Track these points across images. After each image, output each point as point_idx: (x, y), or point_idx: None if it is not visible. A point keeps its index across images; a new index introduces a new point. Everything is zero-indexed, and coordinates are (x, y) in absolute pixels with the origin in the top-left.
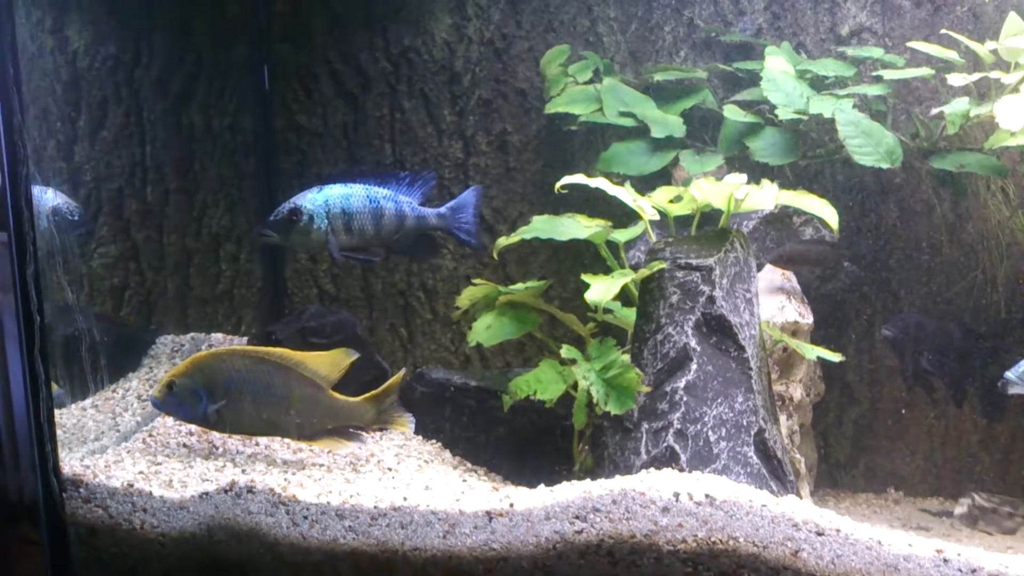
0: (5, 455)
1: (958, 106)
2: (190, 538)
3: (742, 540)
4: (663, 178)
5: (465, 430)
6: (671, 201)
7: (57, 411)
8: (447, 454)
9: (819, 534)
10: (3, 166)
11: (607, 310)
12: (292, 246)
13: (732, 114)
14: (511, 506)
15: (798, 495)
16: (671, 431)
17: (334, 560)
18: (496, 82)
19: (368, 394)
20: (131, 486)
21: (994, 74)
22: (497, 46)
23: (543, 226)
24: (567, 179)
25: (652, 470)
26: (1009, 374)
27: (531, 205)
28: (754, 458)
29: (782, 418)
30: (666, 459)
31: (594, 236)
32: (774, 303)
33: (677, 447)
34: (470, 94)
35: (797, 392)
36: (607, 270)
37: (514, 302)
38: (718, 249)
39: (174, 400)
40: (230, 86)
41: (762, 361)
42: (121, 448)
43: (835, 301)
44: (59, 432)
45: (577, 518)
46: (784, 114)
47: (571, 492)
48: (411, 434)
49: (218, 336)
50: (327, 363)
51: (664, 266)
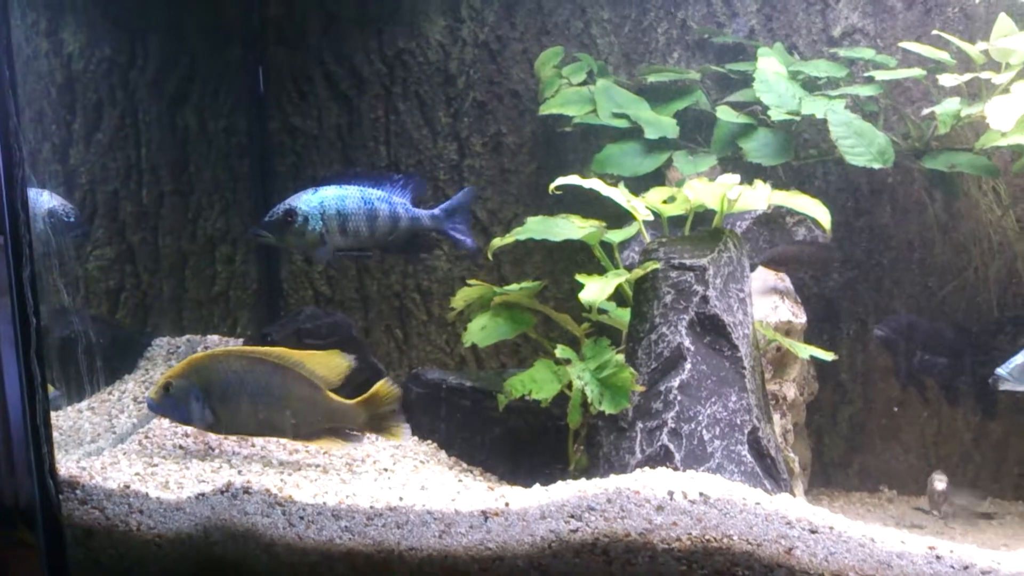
0: (1, 457)
1: (949, 106)
2: (186, 539)
3: (736, 538)
4: (657, 179)
5: (460, 430)
6: (664, 202)
7: (53, 413)
8: (443, 454)
9: (813, 532)
10: None
11: (601, 310)
12: (287, 247)
13: (725, 115)
14: (506, 505)
15: (792, 493)
16: (665, 430)
17: (330, 560)
18: (490, 84)
19: (360, 397)
20: (127, 487)
21: (985, 74)
22: (491, 48)
23: (537, 227)
24: (561, 180)
25: (647, 469)
26: (1000, 371)
27: (525, 206)
28: (748, 457)
29: (776, 417)
30: (660, 458)
31: (588, 237)
32: (768, 303)
33: (671, 446)
34: (464, 96)
35: (791, 391)
36: (602, 271)
37: (509, 303)
38: (711, 249)
39: (170, 402)
40: (225, 88)
41: (756, 360)
42: (117, 450)
43: (829, 301)
44: (55, 434)
45: (572, 517)
46: (777, 115)
47: (566, 491)
48: (408, 427)
49: (214, 338)
50: (325, 364)
51: (658, 266)
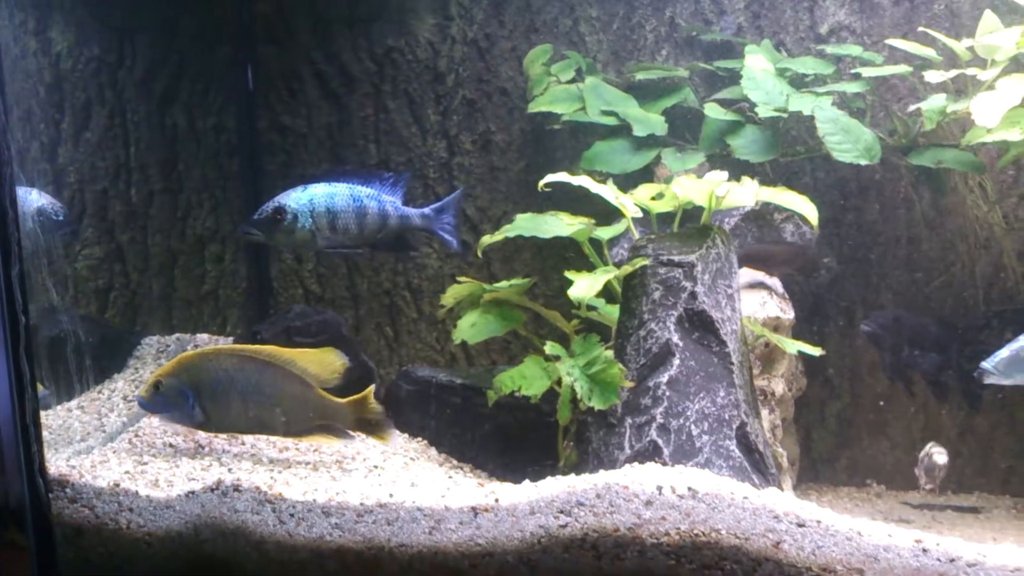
0: None
1: (935, 103)
2: (176, 537)
3: (724, 532)
4: (646, 176)
5: (450, 427)
6: (653, 198)
7: (43, 412)
8: (433, 452)
9: (800, 525)
10: None
11: (591, 307)
12: (276, 245)
13: (713, 112)
14: (496, 501)
15: (780, 488)
16: (654, 425)
17: (320, 557)
18: (479, 82)
19: (352, 398)
20: (117, 486)
21: (971, 71)
22: (480, 46)
23: (526, 224)
24: (550, 177)
25: (636, 464)
26: (986, 364)
27: (515, 204)
28: (736, 451)
29: (764, 412)
30: (649, 453)
31: (577, 234)
32: (756, 299)
33: (660, 441)
34: (454, 94)
35: (779, 387)
36: (591, 268)
37: (498, 300)
38: (700, 245)
39: (161, 400)
40: (214, 87)
41: (744, 356)
42: (107, 448)
43: (817, 296)
44: (45, 433)
45: (561, 512)
46: (764, 112)
47: (555, 487)
48: (397, 432)
49: (203, 337)
50: (316, 361)
51: (647, 263)
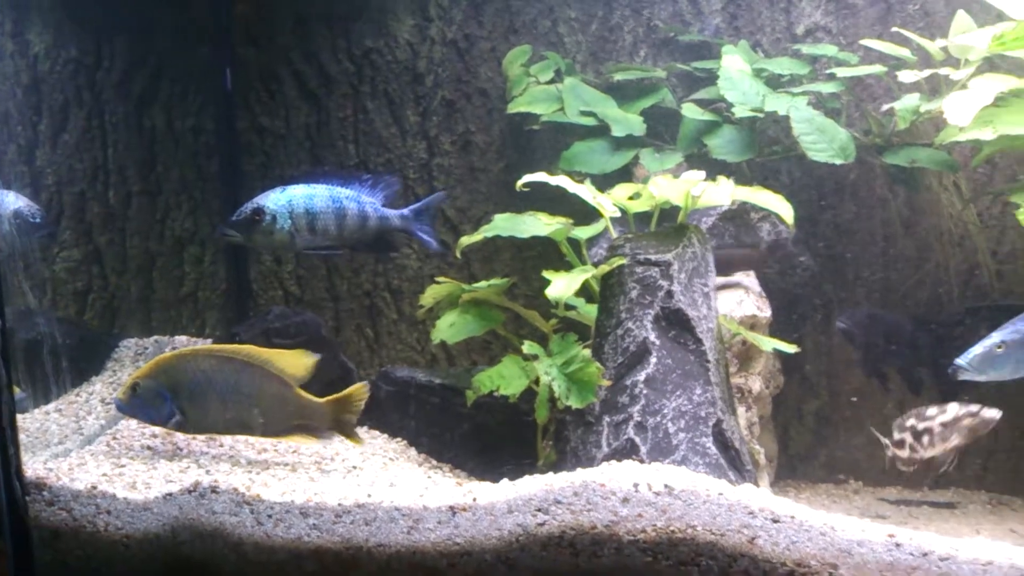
0: None
1: (908, 102)
2: (154, 539)
3: (700, 528)
4: (624, 176)
5: (430, 427)
6: (630, 198)
7: (20, 415)
8: (412, 452)
9: (775, 521)
10: None
11: (570, 306)
12: (255, 246)
13: (691, 112)
14: (474, 500)
15: (756, 484)
16: (631, 423)
17: (299, 558)
18: (459, 82)
19: (332, 397)
20: (95, 488)
21: (944, 70)
22: (460, 47)
23: (505, 224)
24: (528, 177)
25: (613, 462)
26: (960, 361)
27: (495, 205)
28: (712, 448)
29: (741, 410)
30: (627, 451)
31: (555, 233)
32: (733, 297)
33: (637, 439)
34: (433, 95)
35: (756, 384)
36: (570, 268)
37: (477, 300)
38: (676, 244)
39: (138, 402)
40: (192, 88)
41: (720, 354)
42: (85, 451)
43: (794, 295)
44: (22, 436)
45: (539, 510)
46: (741, 112)
47: (533, 485)
48: (376, 432)
49: (182, 339)
50: (293, 361)
51: (624, 262)
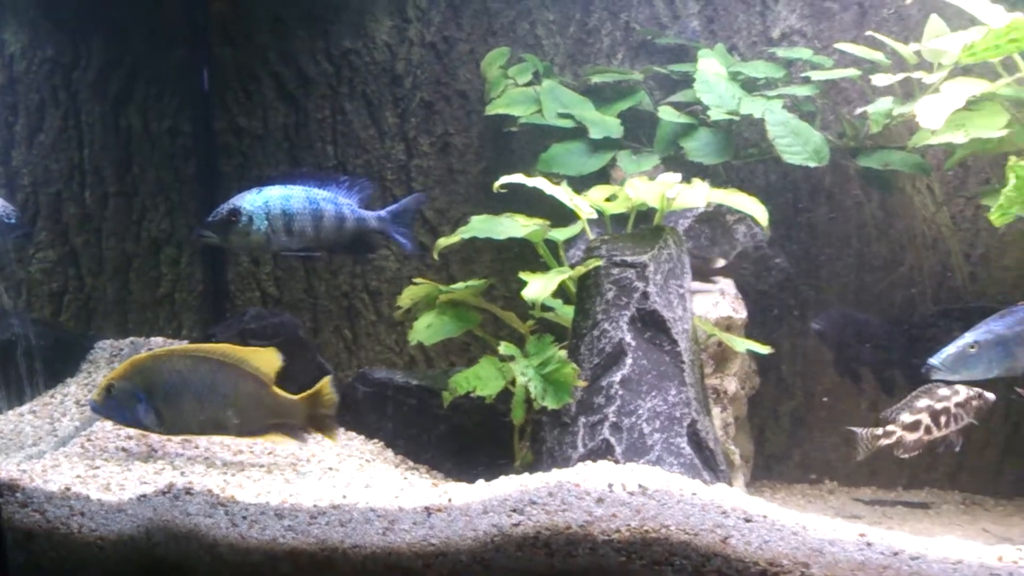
0: None
1: (881, 106)
2: (128, 540)
3: (673, 528)
4: (602, 178)
5: (407, 429)
6: (607, 200)
7: None
8: (389, 453)
9: (747, 520)
10: None
11: (547, 308)
12: (231, 247)
13: (667, 115)
14: (449, 501)
15: (730, 484)
16: (607, 424)
17: (273, 560)
18: (438, 84)
19: (305, 393)
20: (68, 490)
21: (917, 74)
22: (438, 48)
23: (482, 226)
24: (505, 179)
25: (589, 463)
26: (933, 360)
27: (474, 206)
28: (687, 449)
29: (717, 411)
30: (602, 451)
31: (531, 235)
32: (709, 299)
33: (612, 439)
34: (412, 96)
35: (732, 385)
36: (548, 269)
37: (454, 301)
38: (652, 246)
39: (113, 403)
40: (169, 88)
41: (695, 355)
42: (59, 453)
43: (770, 297)
44: None
45: (514, 511)
46: (716, 115)
47: (508, 486)
48: (353, 434)
49: (158, 340)
50: (267, 359)
51: (600, 263)
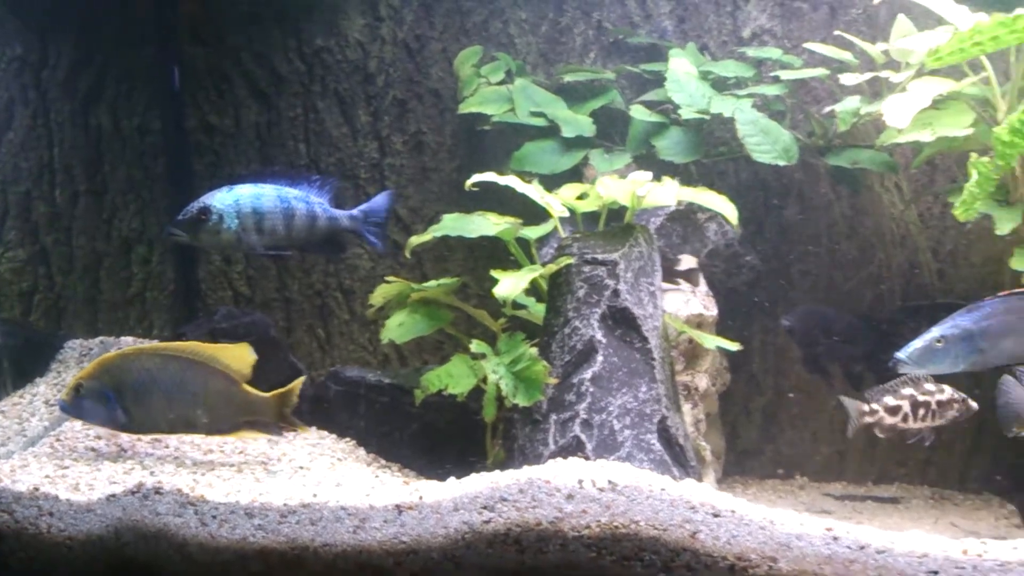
0: None
1: (848, 104)
2: (97, 540)
3: (643, 523)
4: (575, 176)
5: (379, 427)
6: (578, 198)
7: None
8: (361, 452)
9: (715, 515)
10: None
11: (520, 305)
12: (201, 246)
13: (639, 114)
14: (420, 499)
15: (699, 480)
16: (577, 421)
17: (244, 559)
18: (410, 83)
19: (277, 391)
20: (37, 490)
21: (885, 73)
22: (411, 47)
23: (453, 224)
24: (477, 177)
25: (560, 459)
26: (900, 354)
27: (447, 205)
28: (657, 445)
29: (688, 407)
30: (573, 448)
31: (503, 233)
32: (680, 296)
33: (583, 436)
34: (384, 95)
35: (703, 382)
36: (520, 267)
37: (426, 299)
38: (623, 244)
39: (82, 403)
40: (139, 86)
41: (665, 352)
42: (28, 453)
43: (740, 294)
44: None
45: (485, 508)
46: (687, 114)
47: (479, 483)
48: (325, 432)
49: (128, 339)
50: (236, 356)
51: (571, 261)
